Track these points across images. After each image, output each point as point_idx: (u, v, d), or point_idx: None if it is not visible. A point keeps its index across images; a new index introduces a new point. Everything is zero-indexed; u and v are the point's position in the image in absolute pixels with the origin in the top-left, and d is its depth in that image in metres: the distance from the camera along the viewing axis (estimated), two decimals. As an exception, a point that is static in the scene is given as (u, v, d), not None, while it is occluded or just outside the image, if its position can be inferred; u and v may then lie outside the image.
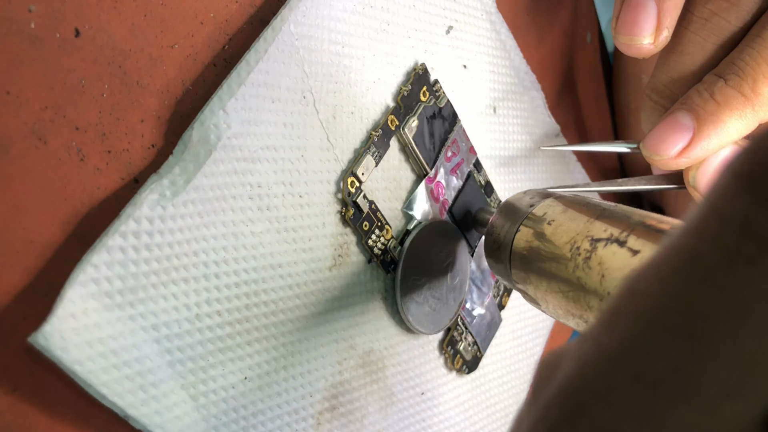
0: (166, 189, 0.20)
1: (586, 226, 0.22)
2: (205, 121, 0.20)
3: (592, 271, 0.21)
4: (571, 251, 0.22)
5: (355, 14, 0.25)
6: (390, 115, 0.26)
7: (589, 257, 0.21)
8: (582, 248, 0.21)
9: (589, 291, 0.21)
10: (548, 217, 0.24)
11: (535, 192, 0.26)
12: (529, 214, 0.25)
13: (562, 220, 0.23)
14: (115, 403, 0.19)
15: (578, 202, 0.24)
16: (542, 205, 0.25)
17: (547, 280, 0.23)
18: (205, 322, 0.21)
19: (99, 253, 0.18)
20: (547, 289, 0.23)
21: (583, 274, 0.21)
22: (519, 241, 0.24)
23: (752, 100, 0.25)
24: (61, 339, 0.17)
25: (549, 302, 0.23)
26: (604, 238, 0.21)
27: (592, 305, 0.21)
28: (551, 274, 0.22)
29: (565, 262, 0.22)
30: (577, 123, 0.43)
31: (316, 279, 0.24)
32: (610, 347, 0.10)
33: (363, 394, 0.27)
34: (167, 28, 0.20)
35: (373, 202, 0.26)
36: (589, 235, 0.21)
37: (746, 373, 0.09)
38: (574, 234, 0.22)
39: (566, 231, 0.23)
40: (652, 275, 0.10)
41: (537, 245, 0.23)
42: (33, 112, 0.18)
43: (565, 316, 0.22)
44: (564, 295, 0.22)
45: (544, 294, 0.23)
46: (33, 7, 0.17)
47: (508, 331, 0.35)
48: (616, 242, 0.20)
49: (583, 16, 0.44)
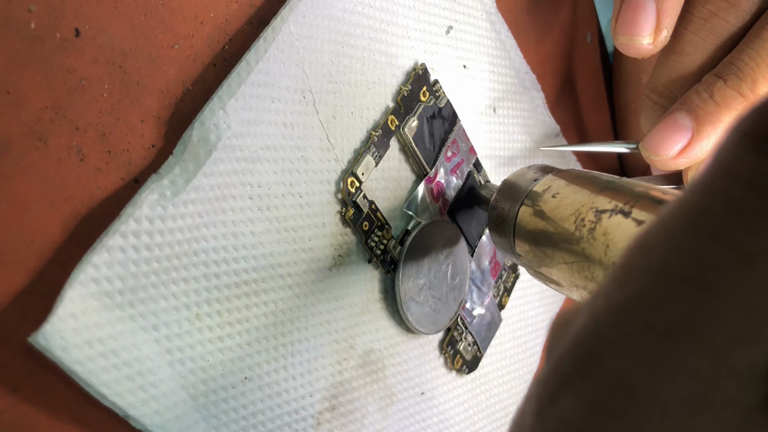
0: (166, 189, 0.20)
1: (590, 198, 0.22)
2: (205, 121, 0.20)
3: (597, 241, 0.21)
4: (575, 223, 0.22)
5: (355, 14, 0.25)
6: (390, 115, 0.26)
7: (594, 228, 0.21)
8: (587, 219, 0.21)
9: (594, 261, 0.21)
10: (552, 190, 0.24)
11: (538, 166, 0.26)
12: (533, 188, 0.25)
13: (566, 193, 0.23)
14: (115, 403, 0.19)
15: (582, 176, 0.24)
16: (546, 179, 0.25)
17: (551, 252, 0.23)
18: (205, 322, 0.21)
19: (99, 253, 0.18)
20: (552, 261, 0.23)
21: (588, 245, 0.21)
22: (523, 214, 0.24)
23: (751, 100, 0.25)
24: (61, 339, 0.17)
25: (553, 274, 0.23)
26: (608, 209, 0.21)
27: (597, 276, 0.21)
28: (556, 246, 0.23)
29: (570, 234, 0.22)
30: (577, 123, 0.43)
31: (316, 279, 0.24)
32: (622, 299, 0.10)
33: (363, 394, 0.27)
34: (167, 28, 0.20)
35: (373, 202, 0.26)
36: (593, 207, 0.22)
37: (754, 321, 0.09)
38: (579, 206, 0.22)
39: (570, 203, 0.23)
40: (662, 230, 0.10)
41: (541, 218, 0.24)
42: (33, 112, 0.18)
43: (569, 287, 0.22)
44: (568, 266, 0.22)
45: (548, 266, 0.23)
46: (33, 7, 0.17)
47: (508, 331, 0.35)
48: (620, 213, 0.20)
49: (583, 16, 0.44)
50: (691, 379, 0.10)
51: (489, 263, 0.32)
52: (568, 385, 0.11)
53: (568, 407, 0.11)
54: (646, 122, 0.29)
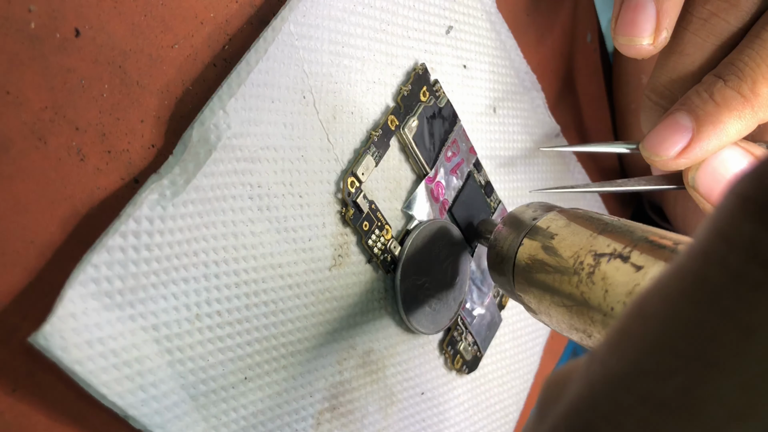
0: (166, 189, 0.20)
1: (589, 240, 0.22)
2: (205, 121, 0.20)
3: (596, 286, 0.21)
4: (574, 266, 0.22)
5: (355, 14, 0.25)
6: (390, 115, 0.26)
7: (593, 272, 0.21)
8: (585, 263, 0.21)
9: (593, 306, 0.21)
10: (552, 231, 0.24)
11: (538, 205, 0.26)
12: (532, 228, 0.25)
13: (565, 234, 0.23)
14: (115, 403, 0.19)
15: (581, 216, 0.24)
16: (545, 219, 0.25)
17: (550, 294, 0.23)
18: (205, 322, 0.21)
19: (99, 253, 0.18)
20: (551, 302, 0.23)
21: (587, 289, 0.21)
22: (522, 254, 0.24)
23: (752, 101, 0.25)
24: (61, 339, 0.17)
25: (552, 316, 0.23)
26: (607, 253, 0.21)
27: (596, 320, 0.21)
28: (554, 288, 0.23)
29: (569, 277, 0.22)
30: (577, 123, 0.43)
31: (316, 279, 0.24)
32: (618, 369, 0.10)
33: (363, 394, 0.27)
34: (167, 28, 0.20)
35: (373, 202, 0.26)
36: (592, 250, 0.22)
37: (752, 396, 0.09)
38: (578, 248, 0.22)
39: (569, 245, 0.23)
40: (659, 298, 0.10)
41: (540, 259, 0.23)
42: (33, 112, 0.18)
43: (569, 330, 0.22)
44: (567, 309, 0.22)
45: (547, 308, 0.23)
46: (33, 7, 0.17)
47: (508, 331, 0.35)
48: (619, 257, 0.20)
49: (583, 16, 0.44)
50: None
51: (489, 263, 0.32)
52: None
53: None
54: (646, 123, 0.29)
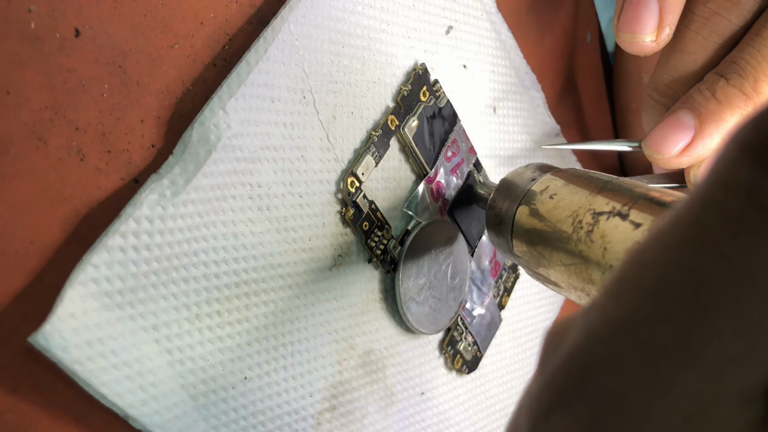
0: (166, 189, 0.20)
1: (588, 199, 0.22)
2: (205, 121, 0.20)
3: (595, 244, 0.21)
4: (573, 225, 0.22)
5: (355, 14, 0.25)
6: (390, 115, 0.26)
7: (591, 230, 0.21)
8: (584, 222, 0.21)
9: (592, 264, 0.21)
10: (550, 191, 0.24)
11: (535, 166, 0.26)
12: (530, 188, 0.25)
13: (563, 194, 0.23)
14: (115, 403, 0.19)
15: (580, 176, 0.24)
16: (544, 179, 0.25)
17: (549, 253, 0.23)
18: (205, 322, 0.21)
19: (99, 253, 0.18)
20: (549, 262, 0.23)
21: (586, 248, 0.21)
22: (521, 214, 0.24)
23: (753, 98, 0.25)
24: (61, 339, 0.17)
25: (551, 275, 0.23)
26: (606, 211, 0.21)
27: (595, 278, 0.21)
28: (553, 247, 0.22)
29: (568, 236, 0.22)
30: (578, 123, 0.43)
31: (316, 279, 0.24)
32: (616, 315, 0.10)
33: (363, 394, 0.27)
34: (167, 28, 0.20)
35: (373, 202, 0.26)
36: (591, 209, 0.21)
37: (750, 340, 0.09)
38: (576, 207, 0.22)
39: (568, 205, 0.22)
40: (657, 244, 0.10)
41: (539, 219, 0.23)
42: (33, 112, 0.18)
43: (567, 289, 0.22)
44: (566, 268, 0.22)
45: (546, 268, 0.23)
46: (33, 7, 0.17)
47: (508, 331, 0.35)
48: (618, 215, 0.20)
49: (583, 16, 0.44)
50: (685, 399, 0.09)
51: (489, 263, 0.32)
52: (561, 402, 0.11)
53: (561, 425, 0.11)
54: (647, 121, 0.29)
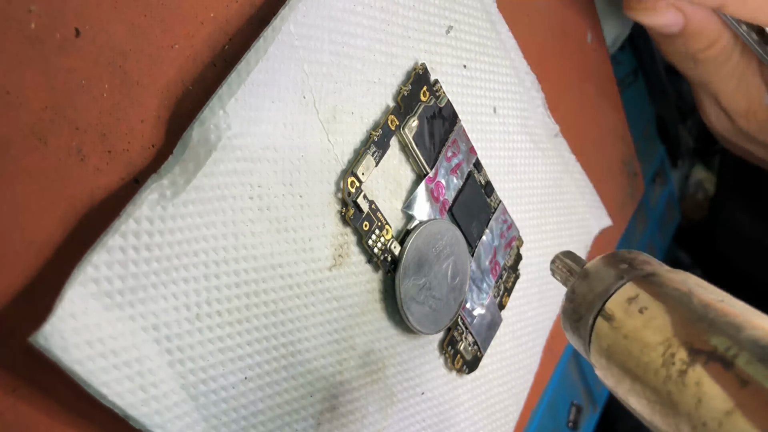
0: (166, 189, 0.20)
1: (685, 326, 0.18)
2: (205, 121, 0.20)
3: (687, 390, 0.17)
4: (663, 356, 0.18)
5: (355, 14, 0.25)
6: (390, 115, 0.26)
7: (686, 371, 0.17)
8: (677, 357, 0.17)
9: (681, 412, 0.17)
10: (640, 303, 0.19)
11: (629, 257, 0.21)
12: (616, 291, 0.20)
13: (655, 312, 0.19)
14: (115, 403, 0.19)
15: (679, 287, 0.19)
16: (635, 282, 0.20)
17: (631, 379, 0.19)
18: (205, 322, 0.21)
19: (99, 253, 0.18)
20: (630, 389, 0.19)
21: (676, 390, 0.17)
22: (601, 323, 0.20)
23: None
24: (61, 339, 0.17)
25: (631, 403, 0.19)
26: (705, 351, 0.17)
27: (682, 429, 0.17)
28: (637, 374, 0.19)
29: (656, 368, 0.18)
30: (577, 123, 0.43)
31: (316, 279, 0.24)
32: None
33: (363, 394, 0.27)
34: (167, 28, 0.20)
35: (373, 202, 0.26)
36: (687, 342, 0.17)
37: None
38: (670, 335, 0.18)
39: (660, 327, 0.18)
40: None
41: (623, 336, 0.19)
42: (33, 112, 0.18)
43: (649, 423, 0.19)
44: (649, 404, 0.18)
45: (626, 392, 0.19)
46: (33, 7, 0.17)
47: (508, 331, 0.35)
48: (720, 361, 0.16)
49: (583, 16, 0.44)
50: None
51: (489, 263, 0.32)
52: None
53: None
54: None
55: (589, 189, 0.41)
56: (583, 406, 0.44)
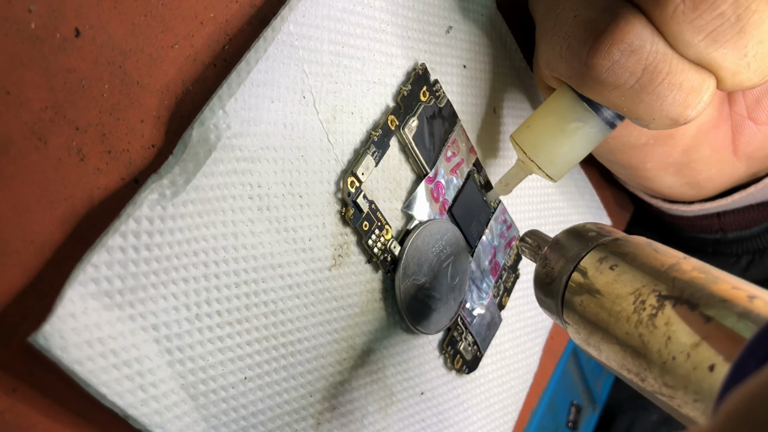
0: (166, 189, 0.20)
1: (653, 278, 0.20)
2: (205, 121, 0.20)
3: (658, 330, 0.19)
4: (634, 304, 0.20)
5: (355, 14, 0.25)
6: (390, 115, 0.26)
7: (655, 315, 0.19)
8: (648, 303, 0.20)
9: (652, 351, 0.19)
10: (610, 261, 0.22)
11: (595, 226, 0.24)
12: (588, 253, 0.23)
13: (625, 267, 0.21)
14: (115, 403, 0.19)
15: (644, 248, 0.22)
16: (606, 245, 0.23)
17: (603, 329, 0.21)
18: (205, 322, 0.21)
19: (99, 253, 0.18)
20: (603, 338, 0.21)
21: (647, 332, 0.19)
22: (575, 280, 0.22)
23: None
24: (61, 339, 0.17)
25: (602, 351, 0.21)
26: (673, 296, 0.19)
27: (653, 366, 0.19)
28: (609, 324, 0.21)
29: (627, 315, 0.20)
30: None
31: (316, 279, 0.24)
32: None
33: (363, 394, 0.27)
34: (167, 28, 0.20)
35: (373, 202, 0.26)
36: (656, 290, 0.20)
37: None
38: (640, 285, 0.20)
39: (630, 280, 0.21)
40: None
41: (596, 290, 0.21)
42: (33, 112, 0.18)
43: (619, 368, 0.21)
44: (622, 349, 0.20)
45: (597, 342, 0.21)
46: (33, 7, 0.17)
47: (508, 331, 0.35)
48: (687, 303, 0.19)
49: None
50: None
51: (489, 263, 0.32)
52: None
53: None
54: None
55: (588, 189, 0.41)
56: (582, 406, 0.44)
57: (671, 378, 0.18)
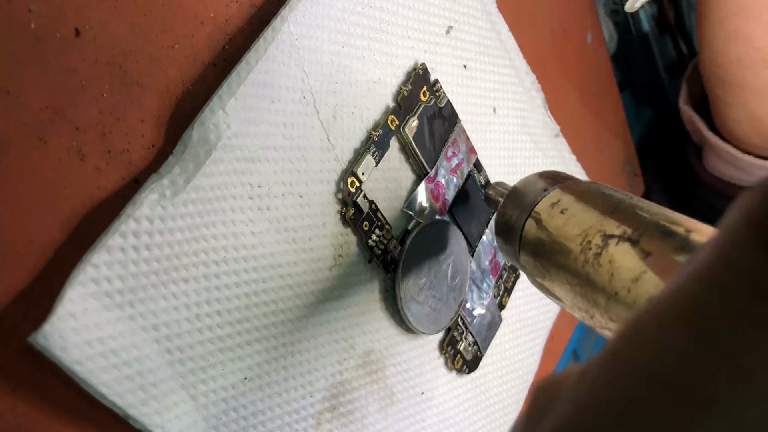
0: (166, 189, 0.20)
1: (599, 219, 0.21)
2: (205, 121, 0.20)
3: (602, 268, 0.20)
4: (581, 244, 0.21)
5: (355, 14, 0.25)
6: (390, 115, 0.26)
7: (600, 253, 0.20)
8: (593, 243, 0.21)
9: (597, 288, 0.20)
10: (561, 205, 0.23)
11: (549, 174, 0.25)
12: (541, 199, 0.24)
13: (574, 210, 0.22)
14: (115, 403, 0.19)
15: (593, 192, 0.23)
16: (555, 192, 0.24)
17: (555, 269, 0.22)
18: (205, 322, 0.21)
19: (99, 253, 0.18)
20: (555, 278, 0.22)
21: (593, 270, 0.20)
22: (530, 226, 0.24)
23: None
24: (61, 339, 0.17)
25: (555, 291, 0.23)
26: (616, 234, 0.20)
27: (599, 302, 0.20)
28: (560, 264, 0.22)
29: (575, 256, 0.21)
30: (577, 123, 0.43)
31: (316, 279, 0.24)
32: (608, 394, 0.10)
33: (363, 394, 0.27)
34: (167, 28, 0.20)
35: (373, 202, 0.26)
36: (601, 230, 0.21)
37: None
38: (587, 227, 0.21)
39: (578, 222, 0.22)
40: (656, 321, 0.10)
41: (547, 233, 0.23)
42: (33, 112, 0.18)
43: (571, 307, 0.22)
44: (571, 287, 0.21)
45: (551, 283, 0.23)
46: (33, 7, 0.17)
47: (508, 331, 0.35)
48: (628, 241, 0.20)
49: (583, 16, 0.44)
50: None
51: (489, 263, 0.32)
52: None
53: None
54: None
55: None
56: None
57: (615, 313, 0.19)
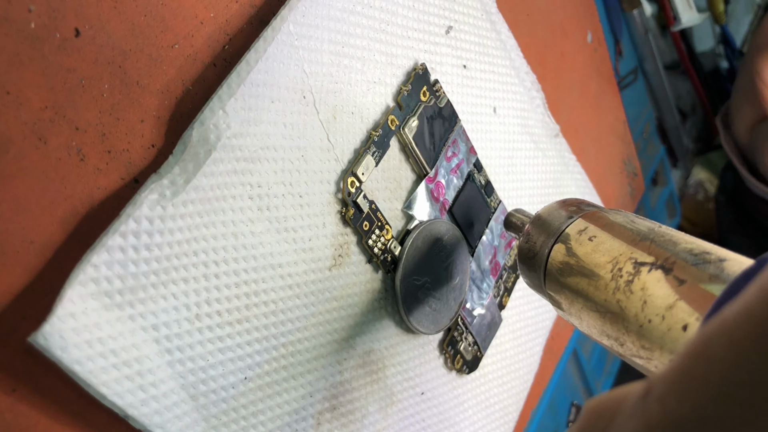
0: (166, 189, 0.20)
1: (629, 247, 0.21)
2: (205, 121, 0.20)
3: (634, 296, 0.20)
4: (612, 272, 0.21)
5: (355, 14, 0.25)
6: (390, 115, 0.26)
7: (632, 281, 0.20)
8: (624, 270, 0.20)
9: (629, 316, 0.20)
10: (589, 233, 0.23)
11: (574, 202, 0.25)
12: (568, 226, 0.23)
13: (603, 238, 0.22)
14: (115, 403, 0.19)
15: (622, 220, 0.23)
16: (584, 218, 0.23)
17: (583, 298, 0.22)
18: (205, 322, 0.21)
19: (99, 253, 0.18)
20: (583, 306, 0.22)
21: (624, 298, 0.20)
22: (556, 253, 0.23)
23: None
24: (61, 339, 0.17)
25: (583, 319, 0.22)
26: (648, 262, 0.20)
27: (631, 330, 0.20)
28: (588, 293, 0.22)
29: (605, 283, 0.21)
30: (577, 123, 0.43)
31: (316, 279, 0.24)
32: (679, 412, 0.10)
33: (363, 394, 0.27)
34: (167, 28, 0.20)
35: (373, 202, 0.26)
36: (632, 258, 0.20)
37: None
38: (617, 254, 0.21)
39: (608, 250, 0.21)
40: (725, 340, 0.10)
41: (576, 259, 0.22)
42: (33, 112, 0.18)
43: (599, 335, 0.22)
44: (600, 315, 0.21)
45: (578, 311, 0.22)
46: (33, 7, 0.17)
47: (509, 331, 0.35)
48: (661, 268, 0.19)
49: (583, 16, 0.44)
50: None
51: (489, 263, 0.32)
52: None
53: None
54: None
55: (589, 189, 0.41)
56: (583, 406, 0.44)
57: (648, 340, 0.19)
